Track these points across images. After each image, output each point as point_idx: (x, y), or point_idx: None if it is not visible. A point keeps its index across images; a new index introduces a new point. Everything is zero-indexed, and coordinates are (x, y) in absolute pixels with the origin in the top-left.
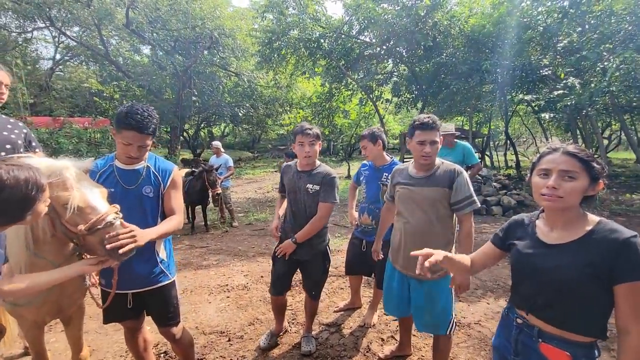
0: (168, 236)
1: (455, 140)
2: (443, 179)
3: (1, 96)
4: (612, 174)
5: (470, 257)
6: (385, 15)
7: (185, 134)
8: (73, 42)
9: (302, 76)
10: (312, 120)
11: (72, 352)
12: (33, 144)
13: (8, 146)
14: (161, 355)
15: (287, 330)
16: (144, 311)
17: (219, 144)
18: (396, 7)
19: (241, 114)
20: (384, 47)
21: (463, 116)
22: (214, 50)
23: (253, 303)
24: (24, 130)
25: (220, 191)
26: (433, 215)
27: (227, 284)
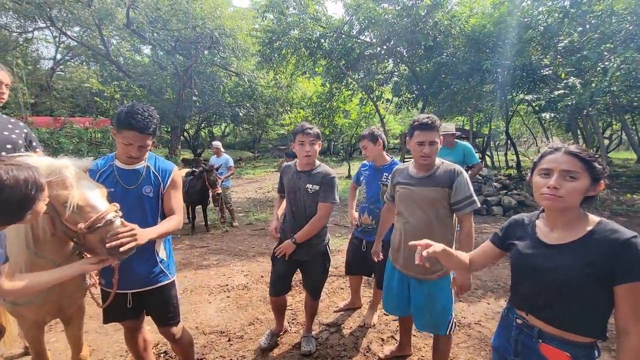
0: (168, 236)
1: (455, 140)
2: (443, 179)
3: (2, 96)
4: (613, 174)
5: (469, 256)
6: (385, 15)
7: (185, 134)
8: (74, 42)
9: (303, 76)
10: (313, 120)
11: (72, 352)
12: (34, 144)
13: (9, 146)
14: (161, 355)
15: (287, 330)
16: (144, 311)
17: (219, 144)
18: (397, 7)
19: (242, 114)
20: (385, 47)
21: (463, 116)
22: (215, 50)
23: (253, 303)
24: (25, 130)
25: (220, 191)
26: (433, 215)
27: (227, 284)
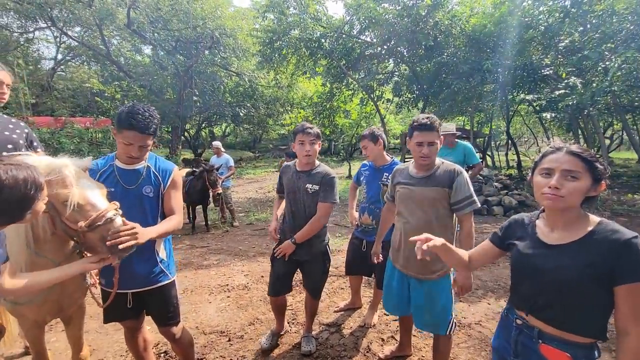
0: (168, 235)
1: (456, 140)
2: (443, 179)
3: (3, 96)
4: (614, 174)
5: (468, 253)
6: (386, 15)
7: (186, 134)
8: (74, 42)
9: (303, 76)
10: (313, 120)
11: (73, 352)
12: (35, 144)
13: (10, 146)
14: (161, 355)
15: (287, 330)
16: (144, 311)
17: (219, 144)
18: (397, 7)
19: (242, 114)
20: (385, 47)
21: (464, 116)
22: (215, 50)
23: (253, 303)
24: (26, 130)
25: (220, 191)
26: (433, 215)
27: (228, 284)
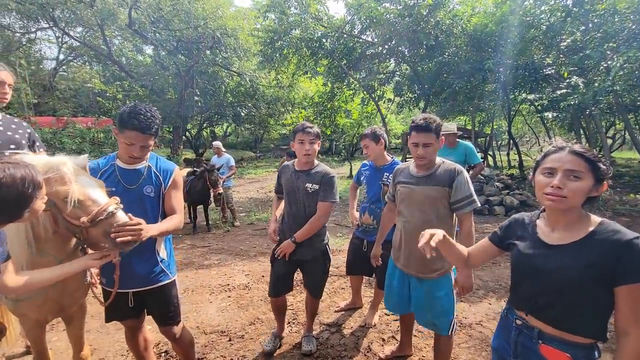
0: (168, 234)
1: (457, 139)
2: (443, 178)
3: (5, 96)
4: (616, 174)
5: (467, 250)
6: (387, 14)
7: (187, 134)
8: (76, 43)
9: (304, 76)
10: (315, 120)
11: (74, 351)
12: (37, 144)
13: (12, 146)
14: (162, 354)
15: (288, 330)
16: (145, 310)
17: (220, 144)
18: (398, 7)
19: (243, 114)
20: (386, 47)
21: (465, 115)
22: (216, 50)
23: (254, 303)
24: (28, 130)
25: (221, 191)
26: (433, 214)
27: (229, 284)
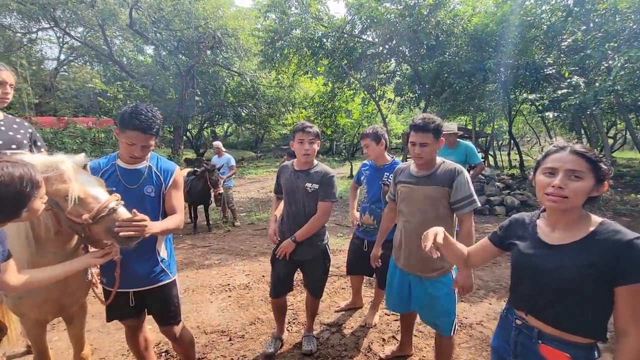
0: (169, 233)
1: (458, 139)
2: (443, 178)
3: (7, 96)
4: (617, 174)
5: (467, 250)
6: (387, 14)
7: (188, 134)
8: (77, 43)
9: (305, 76)
10: (315, 120)
11: (74, 351)
12: (38, 144)
13: (14, 146)
14: (162, 354)
15: (288, 330)
16: (145, 310)
17: (220, 144)
18: (399, 6)
19: (244, 114)
20: (387, 47)
21: (466, 115)
22: (217, 50)
23: (254, 302)
24: (30, 130)
25: (222, 191)
26: (432, 214)
27: (229, 284)
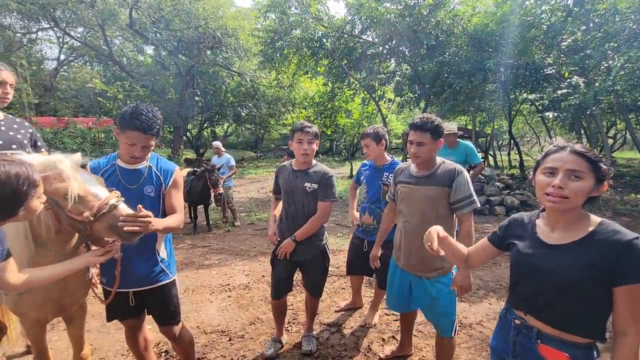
0: (170, 232)
1: (457, 139)
2: (443, 178)
3: (7, 96)
4: (617, 174)
5: (467, 250)
6: (387, 14)
7: (188, 134)
8: (77, 43)
9: (305, 76)
10: (315, 120)
11: (74, 351)
12: (39, 144)
13: (14, 146)
14: (162, 354)
15: (288, 330)
16: (145, 310)
17: (220, 144)
18: (399, 6)
19: (244, 114)
20: (387, 47)
21: (466, 115)
22: (217, 50)
23: (254, 302)
24: (30, 130)
25: (222, 191)
26: (432, 214)
27: (229, 284)
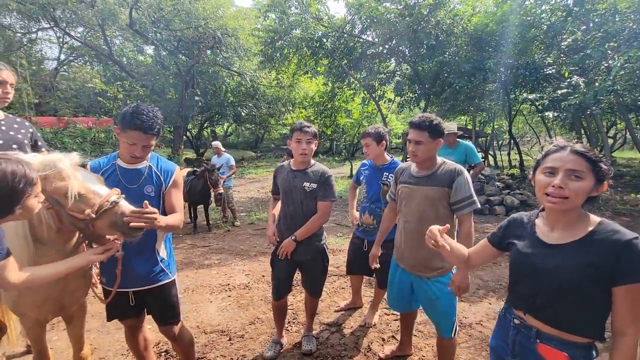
0: (170, 230)
1: (457, 139)
2: (443, 179)
3: (7, 95)
4: (617, 174)
5: (468, 252)
6: (387, 14)
7: (188, 134)
8: (77, 43)
9: (305, 75)
10: (315, 119)
11: (74, 351)
12: (39, 144)
13: (14, 145)
14: (162, 354)
15: (288, 330)
16: (145, 310)
17: (219, 144)
18: (399, 6)
19: (244, 114)
20: (387, 46)
21: (466, 115)
22: (217, 50)
23: (254, 302)
24: (30, 129)
25: (221, 191)
26: (432, 214)
27: (229, 283)
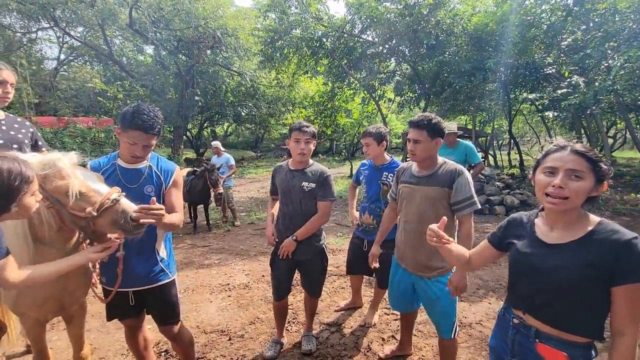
0: (171, 229)
1: (457, 139)
2: (444, 179)
3: (7, 95)
4: (617, 173)
5: (468, 253)
6: (387, 14)
7: (188, 134)
8: (77, 42)
9: (305, 75)
10: (315, 119)
11: (74, 350)
12: (39, 143)
13: (15, 145)
14: (162, 354)
15: (288, 330)
16: (145, 310)
17: (219, 144)
18: (399, 6)
19: (244, 114)
20: (387, 46)
21: (466, 115)
22: (217, 49)
23: (254, 302)
24: (31, 129)
25: (221, 190)
26: (432, 214)
27: (229, 283)
